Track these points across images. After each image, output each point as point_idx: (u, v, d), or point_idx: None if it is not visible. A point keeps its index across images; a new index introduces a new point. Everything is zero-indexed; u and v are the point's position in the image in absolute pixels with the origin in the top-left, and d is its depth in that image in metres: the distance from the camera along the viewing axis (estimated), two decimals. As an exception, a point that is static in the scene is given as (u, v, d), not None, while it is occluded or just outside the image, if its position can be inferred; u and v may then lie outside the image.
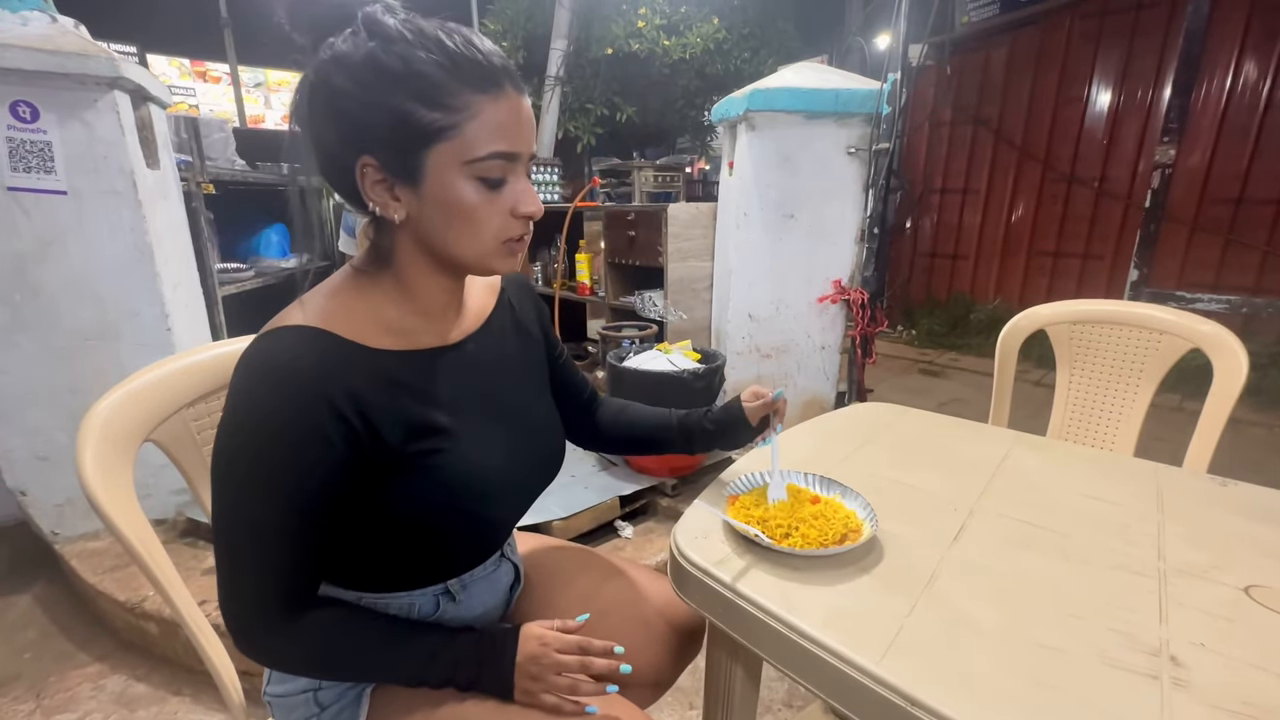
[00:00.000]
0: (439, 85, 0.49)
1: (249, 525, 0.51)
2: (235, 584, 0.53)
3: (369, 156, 0.50)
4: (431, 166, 0.50)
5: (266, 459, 0.49)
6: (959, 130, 4.66)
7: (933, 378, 3.86)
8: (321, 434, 0.49)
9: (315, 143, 0.52)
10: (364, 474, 0.53)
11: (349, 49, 0.49)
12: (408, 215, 0.53)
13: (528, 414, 0.68)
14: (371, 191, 0.52)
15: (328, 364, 0.51)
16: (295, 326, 0.52)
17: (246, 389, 0.50)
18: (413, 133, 0.49)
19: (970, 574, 0.60)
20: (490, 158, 0.51)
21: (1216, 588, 0.59)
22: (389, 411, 0.53)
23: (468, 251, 0.54)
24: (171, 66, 7.07)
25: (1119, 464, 0.91)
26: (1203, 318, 1.22)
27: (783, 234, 1.95)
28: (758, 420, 0.76)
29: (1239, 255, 3.50)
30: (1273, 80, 3.34)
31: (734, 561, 0.61)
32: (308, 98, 0.51)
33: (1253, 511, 0.74)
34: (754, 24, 5.38)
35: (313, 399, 0.49)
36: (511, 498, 0.66)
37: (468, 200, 0.52)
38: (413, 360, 0.57)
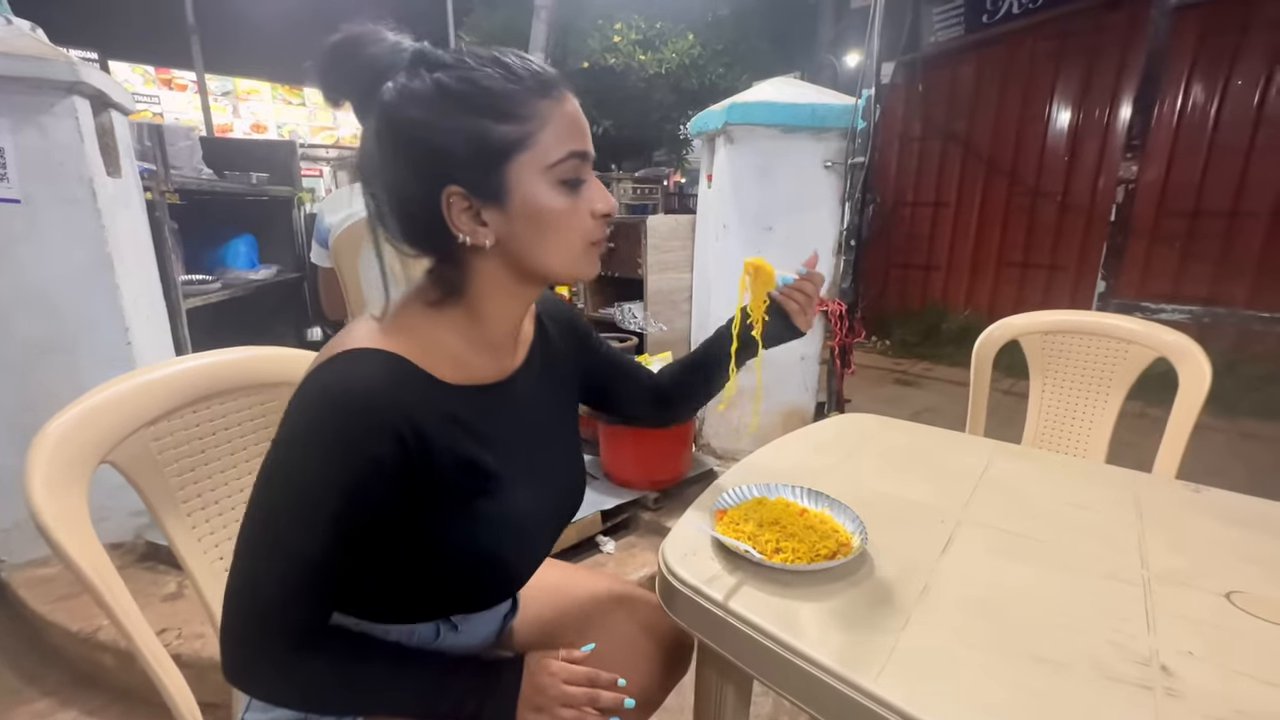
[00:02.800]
0: (507, 98, 0.49)
1: (282, 548, 0.49)
2: (251, 609, 0.50)
3: (453, 185, 0.50)
4: (515, 180, 0.50)
5: (319, 480, 0.47)
6: (929, 145, 4.79)
7: (907, 387, 3.92)
8: (381, 463, 0.48)
9: (392, 189, 0.51)
10: (407, 508, 0.52)
11: (415, 84, 0.49)
12: (496, 239, 0.52)
13: (560, 452, 0.68)
14: (459, 221, 0.51)
15: (400, 393, 0.50)
16: (376, 350, 0.50)
17: (314, 406, 0.48)
18: (493, 149, 0.49)
19: (961, 586, 0.60)
20: (568, 158, 0.51)
21: (1199, 594, 0.60)
22: (447, 449, 0.52)
23: (559, 261, 0.54)
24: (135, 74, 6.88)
25: (1095, 472, 0.92)
26: (1167, 328, 1.25)
27: (762, 245, 1.96)
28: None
29: (1195, 266, 3.66)
30: (1221, 99, 3.52)
31: (724, 579, 0.60)
32: (377, 145, 0.50)
33: (1227, 517, 0.76)
34: (729, 40, 5.48)
35: (380, 427, 0.48)
36: (544, 541, 0.65)
37: (555, 206, 0.52)
38: (471, 397, 0.56)
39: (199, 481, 0.73)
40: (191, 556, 0.72)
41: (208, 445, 0.74)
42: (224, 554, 0.76)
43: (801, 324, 0.76)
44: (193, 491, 0.73)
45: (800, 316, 0.75)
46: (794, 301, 0.74)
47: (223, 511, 0.76)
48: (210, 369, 0.73)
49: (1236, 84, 3.47)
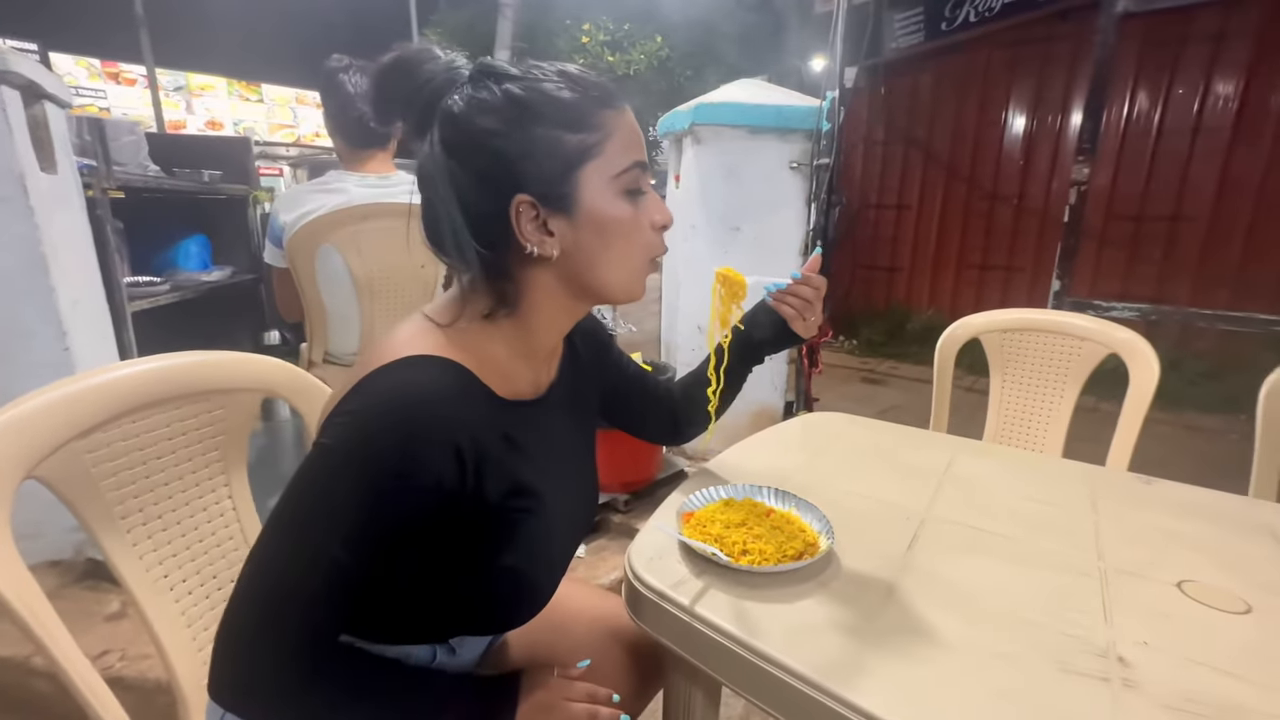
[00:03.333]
0: (576, 108, 0.49)
1: (310, 561, 0.46)
2: (269, 621, 0.46)
3: (523, 194, 0.49)
4: (584, 189, 0.50)
5: (372, 487, 0.45)
6: (892, 149, 4.90)
7: (874, 386, 4.00)
8: (436, 477, 0.46)
9: (458, 199, 0.50)
10: (445, 525, 0.49)
11: (484, 95, 0.49)
12: (562, 249, 0.51)
13: (582, 470, 0.68)
14: (526, 230, 0.50)
15: (465, 406, 0.49)
16: (441, 359, 0.49)
17: (379, 409, 0.46)
18: (563, 158, 0.49)
19: (926, 583, 0.60)
20: (632, 168, 0.52)
21: (1153, 585, 0.61)
22: (498, 466, 0.51)
23: (620, 274, 0.54)
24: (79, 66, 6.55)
25: (1053, 466, 0.95)
26: (1119, 325, 1.30)
27: (730, 246, 1.97)
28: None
29: (1140, 268, 3.83)
30: (1163, 109, 3.69)
31: (691, 583, 0.59)
32: (445, 155, 0.49)
33: (1176, 508, 0.78)
34: (697, 43, 5.52)
35: (445, 438, 0.46)
36: (565, 563, 0.64)
37: (623, 215, 0.52)
38: (519, 413, 0.55)
39: (140, 496, 0.69)
40: (132, 575, 0.68)
41: (149, 457, 0.70)
42: (168, 572, 0.72)
43: (800, 329, 0.74)
44: (133, 506, 0.69)
45: (798, 321, 0.73)
46: (789, 306, 0.73)
47: (167, 527, 0.72)
48: (149, 376, 0.69)
49: (1178, 93, 3.65)
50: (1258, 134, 3.43)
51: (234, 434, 0.81)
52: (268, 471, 2.22)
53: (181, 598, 0.73)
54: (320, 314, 1.48)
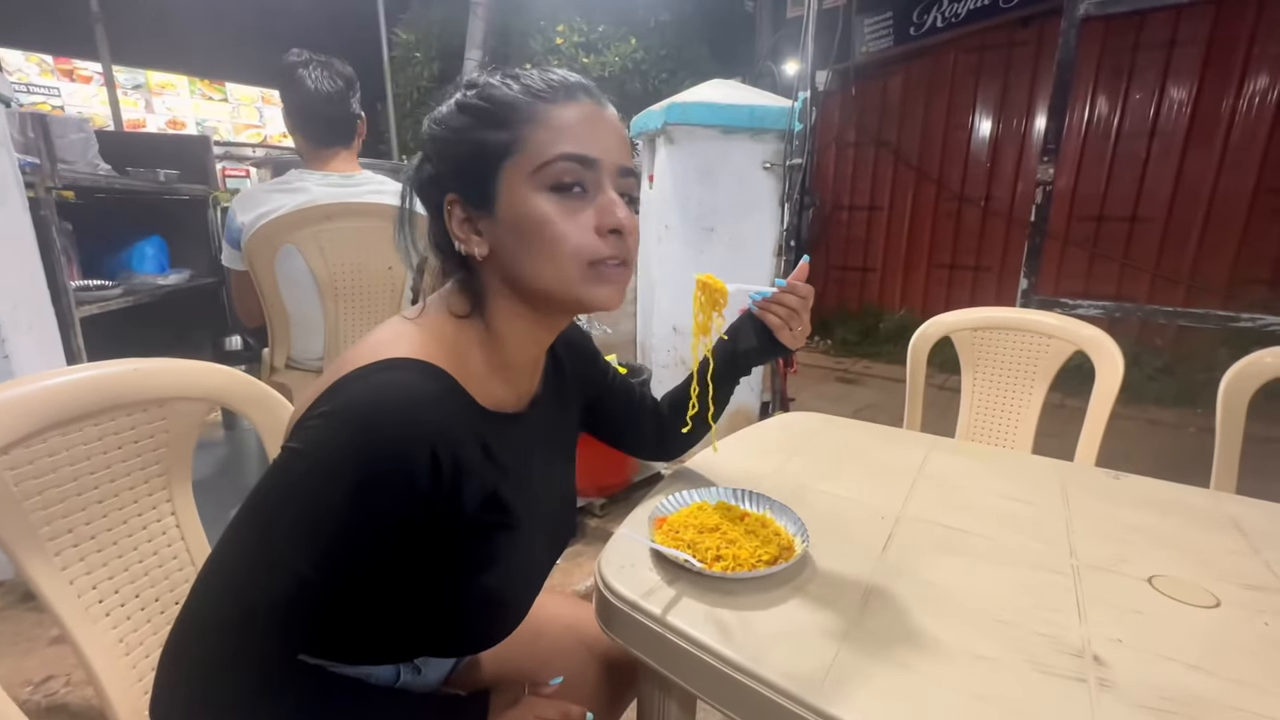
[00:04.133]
0: (506, 105, 0.48)
1: (270, 574, 0.42)
2: (223, 638, 0.43)
3: (452, 193, 0.50)
4: (503, 186, 0.49)
5: (337, 496, 0.42)
6: (863, 151, 4.97)
7: (849, 385, 4.04)
8: (411, 485, 0.44)
9: (424, 200, 0.53)
10: (417, 538, 0.46)
11: (442, 108, 0.52)
12: (490, 250, 0.51)
13: (561, 486, 0.66)
14: (458, 229, 0.51)
15: (444, 411, 0.46)
16: (422, 362, 0.47)
17: (349, 414, 0.43)
18: (484, 155, 0.49)
19: (902, 584, 0.59)
20: (558, 160, 0.47)
21: (1124, 580, 0.61)
22: (476, 477, 0.48)
23: (549, 278, 0.49)
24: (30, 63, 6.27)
25: (1024, 463, 0.95)
26: (1084, 323, 1.32)
27: (704, 247, 1.96)
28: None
29: (1102, 267, 3.95)
30: (1121, 113, 3.81)
31: (663, 592, 0.57)
32: (418, 162, 0.53)
33: (1144, 503, 0.79)
34: (671, 46, 5.51)
35: (420, 445, 0.44)
36: (540, 582, 0.62)
37: (539, 212, 0.48)
38: (500, 425, 0.53)
39: (69, 516, 0.64)
40: (62, 601, 0.63)
41: (81, 473, 0.65)
42: (103, 597, 0.67)
43: (787, 339, 0.71)
44: (62, 527, 0.64)
45: (784, 331, 0.70)
46: (774, 315, 0.70)
47: (101, 549, 0.67)
48: (78, 386, 0.64)
49: (1135, 97, 3.77)
50: (1209, 137, 3.56)
51: (177, 446, 0.76)
52: (230, 483, 2.14)
53: (119, 623, 0.68)
54: (282, 318, 1.43)
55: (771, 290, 0.69)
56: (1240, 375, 1.09)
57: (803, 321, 0.70)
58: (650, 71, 5.37)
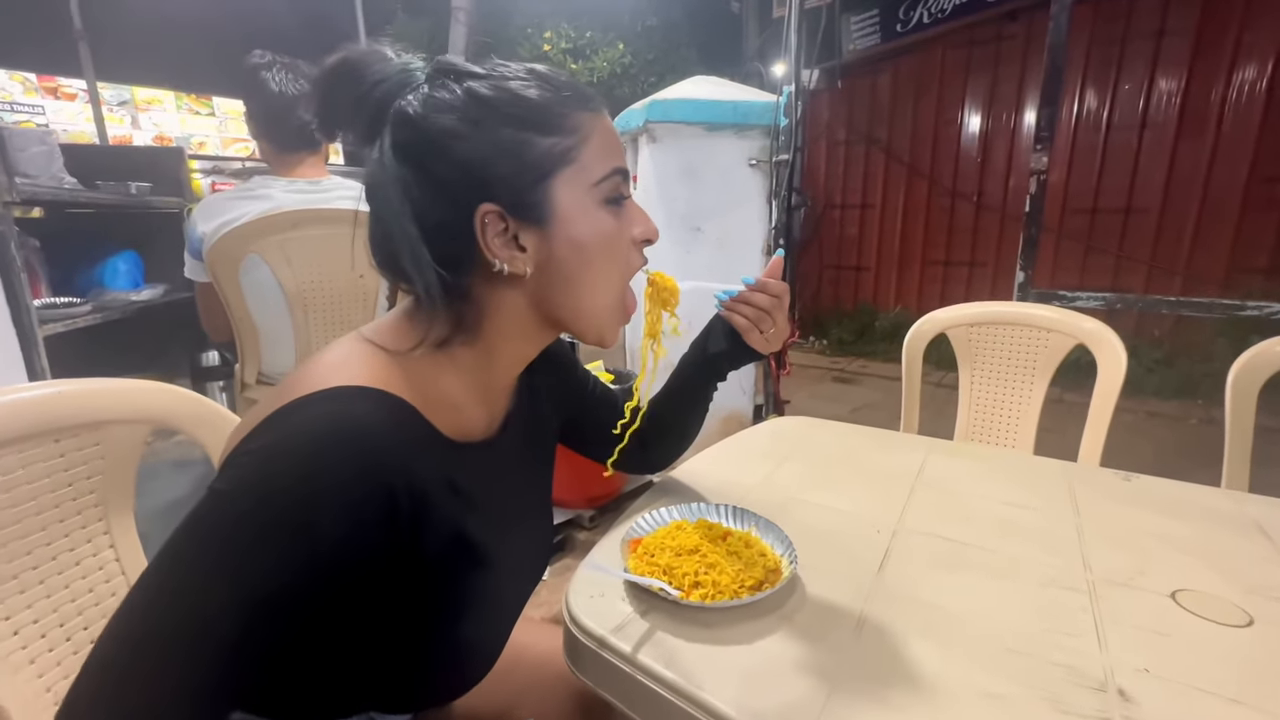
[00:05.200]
0: (548, 109, 0.44)
1: (185, 637, 0.35)
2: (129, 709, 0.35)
3: (490, 204, 0.43)
4: (559, 198, 0.44)
5: (268, 549, 0.35)
6: (853, 149, 4.95)
7: (845, 385, 3.99)
8: (361, 534, 0.37)
9: (417, 213, 0.43)
10: (369, 590, 0.40)
11: (443, 94, 0.43)
12: (535, 266, 0.45)
13: (536, 513, 0.61)
14: (494, 245, 0.44)
15: (402, 447, 0.40)
16: (375, 390, 0.41)
17: (287, 451, 0.36)
18: (535, 163, 0.43)
19: (900, 608, 0.53)
20: (612, 175, 0.46)
21: (1144, 596, 0.55)
22: (440, 517, 0.43)
23: (600, 298, 0.48)
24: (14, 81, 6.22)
25: (1028, 465, 0.89)
26: (1085, 315, 1.27)
27: (691, 247, 1.91)
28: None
29: (1097, 260, 3.92)
30: (1111, 104, 3.79)
31: (635, 626, 0.51)
32: (398, 164, 0.43)
33: (1159, 506, 0.73)
34: (658, 50, 5.49)
35: (375, 488, 0.38)
36: (512, 623, 0.56)
37: (604, 227, 0.46)
38: (468, 456, 0.47)
39: (-16, 553, 0.58)
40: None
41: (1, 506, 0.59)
42: (27, 642, 0.61)
43: (756, 343, 0.64)
44: (-25, 566, 0.58)
45: (752, 334, 0.63)
46: (740, 316, 0.62)
47: (25, 589, 0.61)
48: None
49: (1125, 89, 3.75)
50: (1201, 127, 3.53)
51: (114, 474, 0.70)
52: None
53: (47, 670, 0.62)
54: (250, 331, 1.37)
55: (738, 288, 0.63)
56: (1249, 366, 1.04)
57: (775, 323, 0.62)
58: (639, 76, 5.34)
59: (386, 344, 0.45)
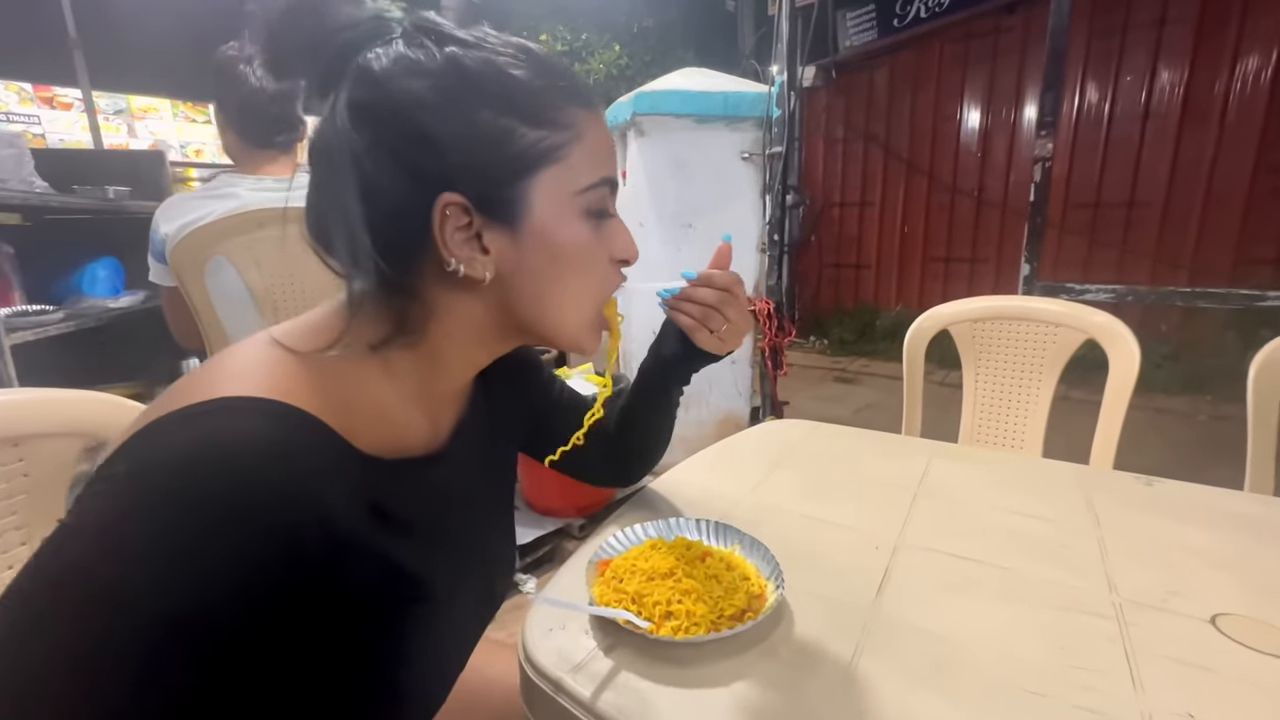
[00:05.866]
0: (540, 97, 0.38)
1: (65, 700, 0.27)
2: None
3: (454, 194, 0.36)
4: (537, 199, 0.39)
5: (122, 610, 0.27)
6: (851, 147, 4.89)
7: (847, 385, 3.93)
8: (249, 582, 0.30)
9: (364, 187, 0.36)
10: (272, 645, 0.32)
11: (418, 55, 0.36)
12: (498, 272, 0.39)
13: (493, 531, 0.54)
14: (452, 242, 0.37)
15: (310, 474, 0.32)
16: (272, 402, 0.33)
17: (153, 482, 0.29)
18: (515, 155, 0.38)
19: (902, 640, 0.47)
20: (600, 185, 0.41)
21: (1180, 622, 0.49)
22: (365, 553, 0.36)
23: (569, 313, 0.43)
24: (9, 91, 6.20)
25: (1039, 470, 0.83)
26: (1095, 309, 1.21)
27: (682, 244, 1.85)
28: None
29: (1100, 253, 3.85)
30: (1113, 96, 3.72)
31: (597, 665, 0.44)
32: (351, 126, 0.36)
33: (1187, 515, 0.67)
34: (655, 51, 5.45)
35: (270, 525, 0.30)
36: (469, 649, 0.50)
37: (582, 239, 0.41)
38: (398, 474, 0.40)
39: None
40: None
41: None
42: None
43: (704, 342, 0.55)
44: None
45: (700, 332, 0.54)
46: (684, 315, 0.54)
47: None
48: None
49: (1126, 79, 3.68)
50: (1204, 117, 3.47)
51: (41, 492, 0.64)
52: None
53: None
54: (220, 337, 1.30)
55: (680, 285, 0.54)
56: (1272, 360, 0.98)
57: (727, 318, 0.54)
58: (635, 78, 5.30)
59: (301, 345, 0.38)
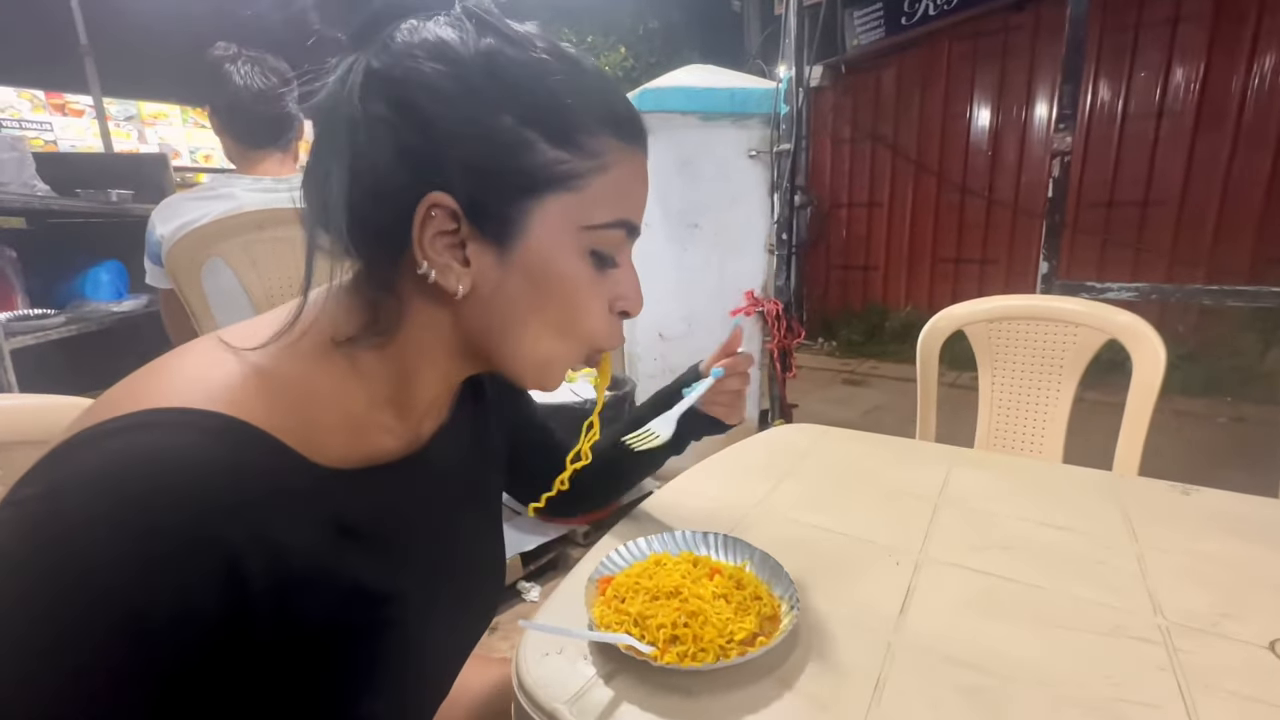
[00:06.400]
0: (572, 116, 0.35)
1: None
2: None
3: (443, 194, 0.33)
4: (536, 223, 0.35)
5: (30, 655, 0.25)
6: (859, 147, 4.83)
7: (855, 387, 3.87)
8: (194, 621, 0.27)
9: (356, 165, 0.33)
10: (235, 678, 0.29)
11: (453, 36, 0.33)
12: (474, 287, 0.35)
13: (477, 548, 0.50)
14: (430, 246, 0.34)
15: (244, 486, 0.29)
16: (209, 414, 0.29)
17: (67, 506, 0.26)
18: (523, 171, 0.34)
19: (929, 667, 0.43)
20: (613, 226, 0.37)
21: (1236, 648, 0.44)
22: (321, 579, 0.32)
23: (540, 351, 0.38)
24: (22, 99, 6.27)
25: (1066, 478, 0.79)
26: (1118, 308, 1.17)
27: (688, 244, 1.81)
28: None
29: (1115, 253, 3.78)
30: (1126, 94, 3.66)
31: (597, 694, 0.41)
32: (362, 92, 0.33)
33: (1231, 527, 0.62)
34: (660, 53, 5.44)
35: (202, 559, 0.27)
36: (453, 670, 0.47)
37: (576, 279, 0.37)
38: (364, 482, 0.36)
39: None
40: None
41: None
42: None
43: (735, 420, 0.62)
44: None
45: (734, 415, 0.61)
46: (720, 406, 0.60)
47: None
48: None
49: (1140, 77, 3.62)
50: (1221, 115, 3.40)
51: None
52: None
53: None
54: (217, 340, 1.28)
55: (709, 382, 0.58)
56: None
57: (743, 399, 0.61)
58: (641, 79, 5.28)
59: (250, 340, 0.34)
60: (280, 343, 0.34)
